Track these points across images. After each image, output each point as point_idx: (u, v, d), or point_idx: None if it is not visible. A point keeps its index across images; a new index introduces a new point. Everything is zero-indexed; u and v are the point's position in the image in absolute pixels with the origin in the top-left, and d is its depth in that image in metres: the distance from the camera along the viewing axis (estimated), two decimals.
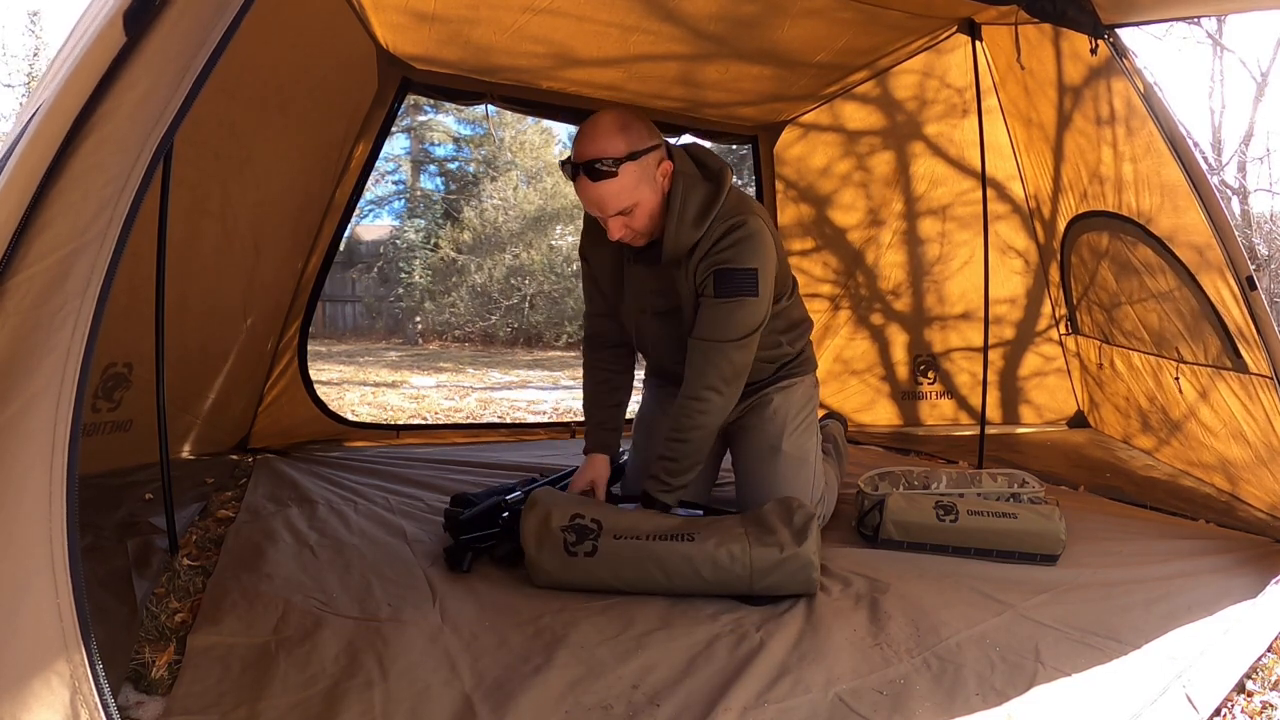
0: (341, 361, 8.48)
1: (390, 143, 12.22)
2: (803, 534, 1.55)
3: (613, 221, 1.67)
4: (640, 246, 1.78)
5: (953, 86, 2.87)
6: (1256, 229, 8.78)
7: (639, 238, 1.73)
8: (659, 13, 2.36)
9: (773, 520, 1.59)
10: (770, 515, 1.61)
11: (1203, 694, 1.19)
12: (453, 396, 5.64)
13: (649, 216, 1.69)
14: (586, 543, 1.56)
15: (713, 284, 1.71)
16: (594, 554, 1.55)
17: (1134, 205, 2.28)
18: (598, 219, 1.73)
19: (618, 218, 1.67)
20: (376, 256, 13.09)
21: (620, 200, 1.64)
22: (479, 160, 13.46)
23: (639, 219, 1.68)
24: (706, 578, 1.53)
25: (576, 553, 1.55)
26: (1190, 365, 2.31)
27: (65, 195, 0.80)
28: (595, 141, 1.62)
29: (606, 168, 1.60)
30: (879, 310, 3.39)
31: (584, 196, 1.67)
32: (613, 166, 1.60)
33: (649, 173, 1.66)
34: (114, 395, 2.12)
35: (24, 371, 0.78)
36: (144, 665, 1.22)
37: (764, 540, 1.54)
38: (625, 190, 1.63)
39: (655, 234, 1.74)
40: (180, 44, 0.86)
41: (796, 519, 1.59)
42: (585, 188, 1.64)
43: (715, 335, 1.73)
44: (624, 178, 1.61)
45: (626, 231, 1.70)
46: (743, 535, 1.55)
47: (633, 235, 1.72)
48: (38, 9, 15.81)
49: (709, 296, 1.72)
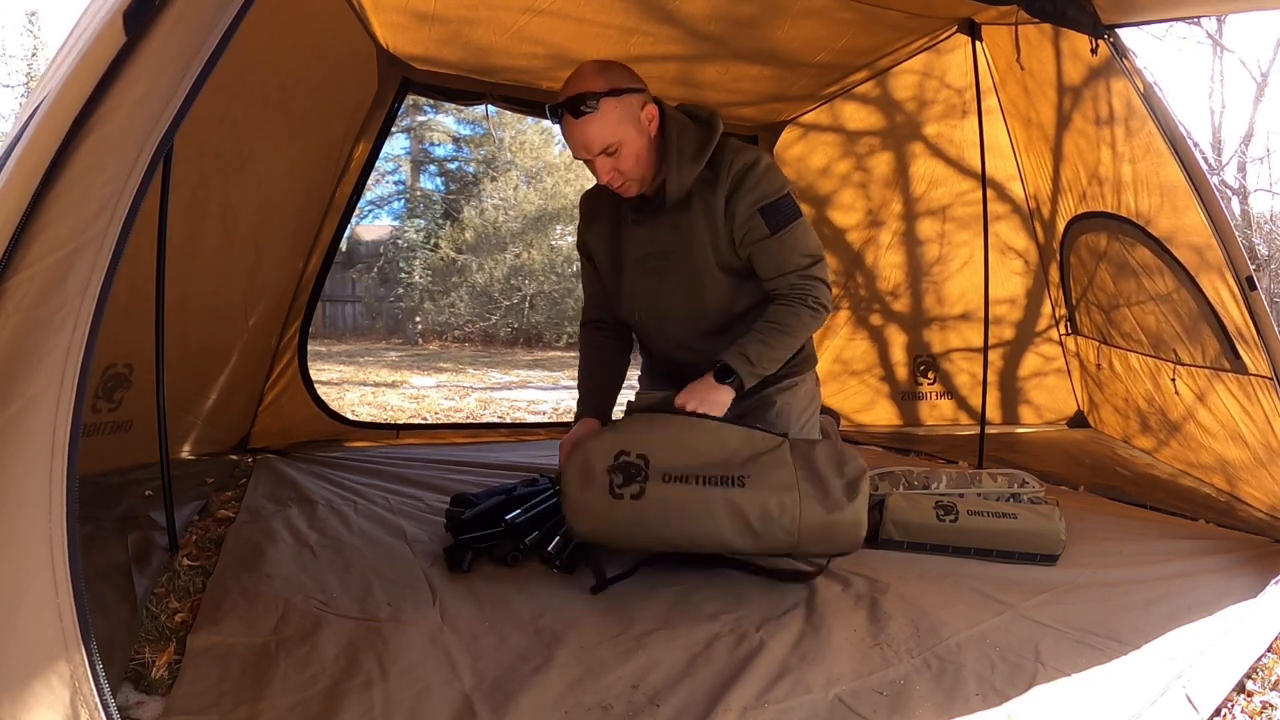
0: (341, 361, 8.48)
1: (390, 143, 12.23)
2: (854, 488, 1.53)
3: (600, 163, 1.68)
4: (634, 200, 1.78)
5: (952, 87, 2.87)
6: (1256, 229, 8.78)
7: (628, 183, 1.73)
8: (658, 14, 2.36)
9: (824, 469, 1.55)
10: (821, 462, 1.56)
11: (1203, 694, 1.19)
12: (453, 396, 5.64)
13: (635, 158, 1.69)
14: (634, 484, 1.50)
15: (763, 223, 1.71)
16: (641, 496, 1.49)
17: (1133, 206, 2.28)
18: (588, 166, 1.73)
19: (604, 159, 1.67)
20: (376, 256, 13.09)
21: (604, 136, 1.64)
22: (479, 160, 13.47)
23: (625, 160, 1.68)
24: (756, 529, 1.50)
25: (623, 494, 1.49)
26: (1188, 367, 2.31)
27: (65, 195, 0.80)
28: (577, 82, 1.66)
29: (588, 104, 1.62)
30: (878, 311, 3.39)
31: (570, 139, 1.68)
32: (594, 102, 1.62)
33: (632, 112, 1.67)
34: (114, 396, 2.12)
35: (24, 372, 0.78)
36: (144, 665, 1.22)
37: (815, 495, 1.51)
38: (608, 126, 1.64)
39: (645, 182, 1.75)
40: (180, 44, 0.86)
41: (849, 470, 1.55)
42: (570, 128, 1.65)
43: (791, 267, 1.73)
44: (606, 113, 1.63)
45: (615, 175, 1.70)
46: (794, 485, 1.51)
47: (622, 180, 1.72)
48: (36, 9, 15.84)
49: (764, 239, 1.72)
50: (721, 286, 1.79)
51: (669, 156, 1.71)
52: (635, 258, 1.84)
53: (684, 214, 1.75)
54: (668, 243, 1.79)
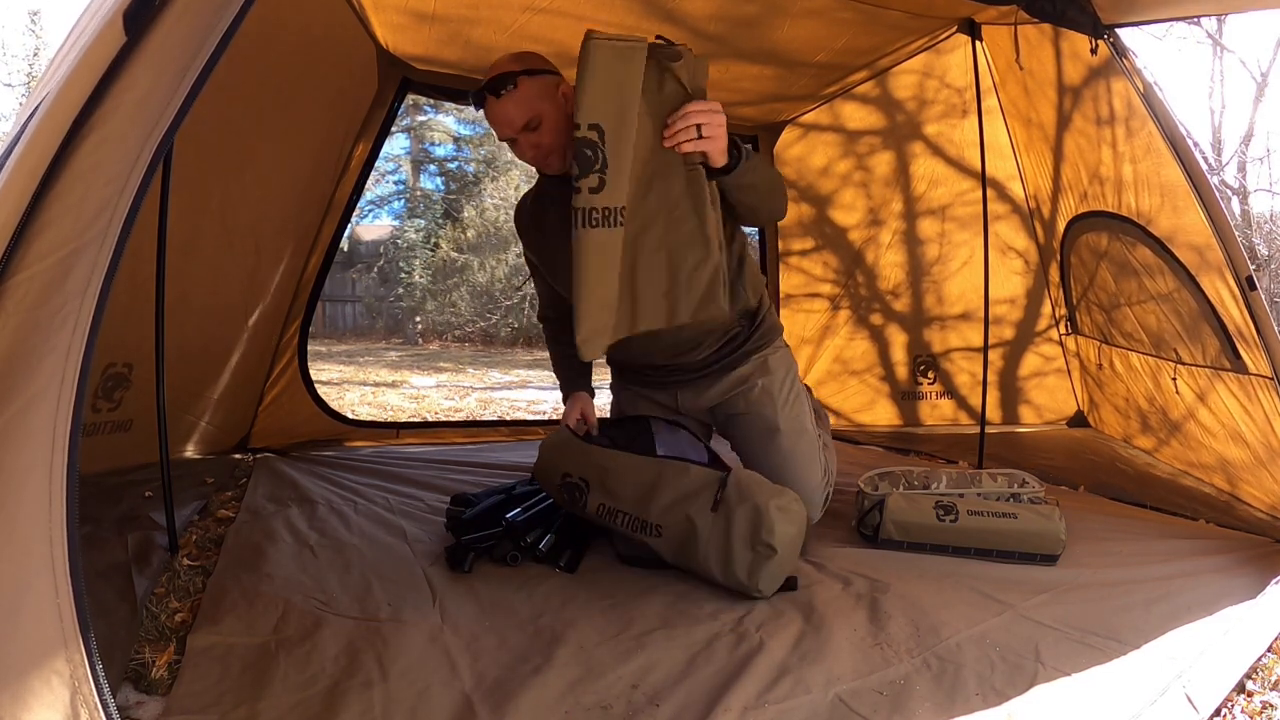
0: (341, 361, 8.48)
1: (390, 143, 12.23)
2: (759, 566, 1.51)
3: (522, 139, 1.77)
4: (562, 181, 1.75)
5: (952, 86, 2.87)
6: (1256, 229, 8.78)
7: (551, 156, 1.79)
8: (659, 13, 2.36)
9: (736, 540, 1.53)
10: (738, 527, 1.53)
11: (1203, 694, 1.19)
12: (453, 396, 5.64)
13: (555, 131, 1.76)
14: (579, 504, 1.76)
15: None
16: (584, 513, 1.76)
17: (1134, 206, 2.28)
18: (512, 147, 1.82)
19: (526, 134, 1.75)
20: (376, 256, 13.09)
21: (524, 111, 1.73)
22: (479, 160, 13.47)
23: (546, 134, 1.76)
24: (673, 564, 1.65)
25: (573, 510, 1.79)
26: (1188, 366, 2.31)
27: (65, 195, 0.80)
28: (495, 69, 1.78)
29: (506, 82, 1.73)
30: (878, 310, 3.39)
31: (494, 119, 1.77)
32: (510, 80, 1.73)
33: (549, 91, 1.76)
34: (114, 395, 2.12)
35: (24, 372, 0.78)
36: (144, 665, 1.22)
37: (716, 563, 1.56)
38: (527, 101, 1.73)
39: (567, 157, 1.75)
40: (180, 44, 0.86)
41: (764, 537, 1.51)
42: (493, 108, 1.75)
43: None
44: (523, 89, 1.73)
45: (537, 150, 1.78)
46: (698, 549, 1.57)
47: (544, 154, 1.79)
48: (38, 8, 15.83)
49: None
50: None
51: None
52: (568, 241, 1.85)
53: None
54: None
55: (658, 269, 1.59)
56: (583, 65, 1.50)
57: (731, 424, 2.02)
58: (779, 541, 1.51)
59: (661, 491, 1.65)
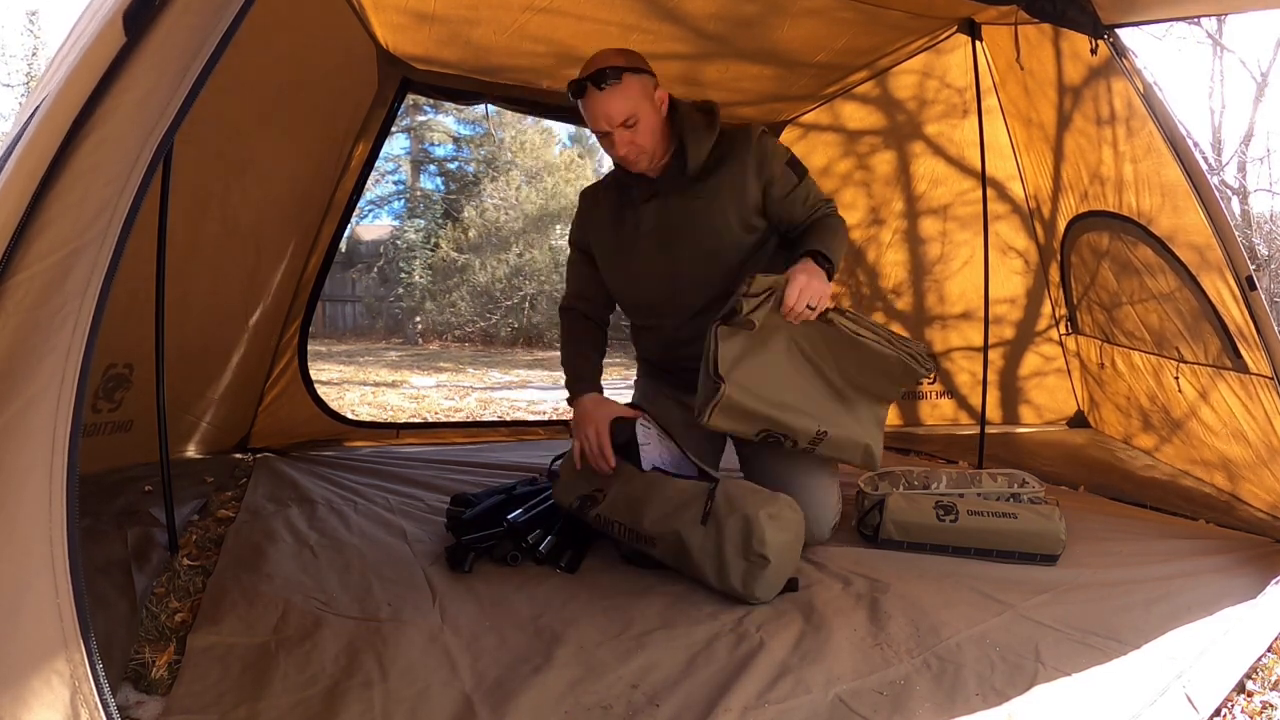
0: (341, 361, 8.48)
1: (390, 143, 12.25)
2: (754, 573, 1.50)
3: (619, 134, 1.78)
4: (640, 183, 1.90)
5: (953, 86, 2.87)
6: (1256, 229, 8.78)
7: (642, 157, 1.83)
8: (659, 11, 2.36)
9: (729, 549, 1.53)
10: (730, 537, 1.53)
11: (1203, 694, 1.19)
12: (453, 396, 5.64)
13: (651, 133, 1.81)
14: (591, 511, 1.76)
15: (792, 173, 1.90)
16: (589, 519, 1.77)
17: (1134, 205, 2.28)
18: (605, 146, 1.84)
19: (623, 131, 1.77)
20: (376, 256, 13.10)
21: (625, 108, 1.75)
22: (479, 160, 13.48)
23: (642, 133, 1.79)
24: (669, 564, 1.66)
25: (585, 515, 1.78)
26: (1190, 365, 2.31)
27: (65, 196, 0.80)
28: (599, 60, 1.78)
29: (611, 78, 1.74)
30: (880, 309, 3.39)
31: (592, 112, 1.78)
32: (616, 75, 1.74)
33: (648, 91, 1.80)
34: (115, 396, 2.12)
35: (24, 372, 0.78)
36: (144, 665, 1.22)
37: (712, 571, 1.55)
38: (629, 98, 1.75)
39: (655, 159, 1.86)
40: (180, 44, 0.86)
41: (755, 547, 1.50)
42: (593, 100, 1.76)
43: (817, 202, 1.92)
44: (628, 86, 1.75)
45: (631, 148, 1.80)
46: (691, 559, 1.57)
47: (637, 153, 1.81)
48: (36, 9, 15.83)
49: (796, 185, 1.89)
50: (739, 247, 1.90)
51: (685, 131, 1.85)
52: (647, 231, 1.92)
53: (701, 184, 1.87)
54: (682, 214, 1.89)
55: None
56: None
57: None
58: (771, 550, 1.50)
59: (650, 505, 1.65)
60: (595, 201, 2.04)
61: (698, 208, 1.87)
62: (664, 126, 1.85)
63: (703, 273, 1.90)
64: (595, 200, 2.05)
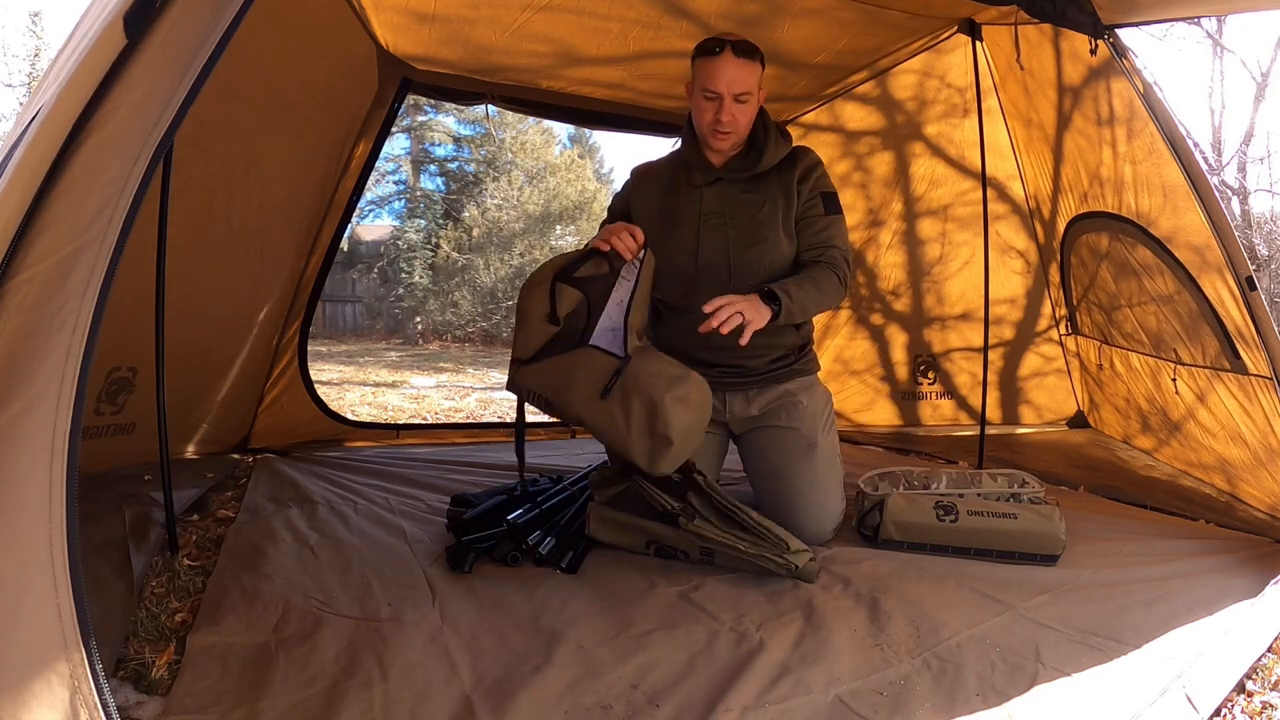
0: (341, 361, 8.48)
1: (390, 143, 12.24)
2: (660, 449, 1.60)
3: (729, 104, 1.84)
4: (704, 167, 1.97)
5: (953, 86, 2.87)
6: (1256, 229, 8.76)
7: (733, 135, 1.90)
8: (662, 7, 2.36)
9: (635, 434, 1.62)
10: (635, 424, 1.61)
11: (1203, 694, 1.19)
12: (453, 396, 5.64)
13: (749, 118, 1.90)
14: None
15: (822, 204, 1.98)
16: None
17: (1133, 206, 2.28)
18: (705, 108, 1.87)
19: (733, 103, 1.84)
20: (377, 256, 13.10)
21: (750, 83, 1.84)
22: (479, 160, 13.48)
23: (745, 114, 1.87)
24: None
25: None
26: (1188, 367, 2.31)
27: (65, 197, 0.80)
28: (733, 35, 1.88)
29: (751, 50, 1.85)
30: (879, 310, 3.39)
31: (718, 72, 1.82)
32: (755, 53, 1.85)
33: (761, 81, 1.90)
34: (117, 399, 2.12)
35: (24, 373, 0.78)
36: (144, 665, 1.22)
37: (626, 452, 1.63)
38: (754, 78, 1.86)
39: (737, 145, 1.95)
40: (180, 46, 0.86)
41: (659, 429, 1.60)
42: (725, 62, 1.82)
43: (831, 245, 1.98)
44: (756, 67, 1.86)
45: (732, 121, 1.86)
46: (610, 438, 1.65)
47: (732, 128, 1.88)
48: (39, 9, 15.84)
49: (819, 217, 1.98)
50: (781, 246, 1.97)
51: (769, 134, 1.96)
52: (703, 212, 1.98)
53: (759, 183, 1.96)
54: (737, 204, 1.96)
55: None
56: None
57: (767, 436, 2.01)
58: (676, 433, 1.58)
59: (576, 383, 1.68)
60: (648, 176, 2.08)
61: (749, 203, 1.96)
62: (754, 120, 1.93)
63: (750, 262, 1.95)
64: (648, 174, 2.09)
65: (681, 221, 1.98)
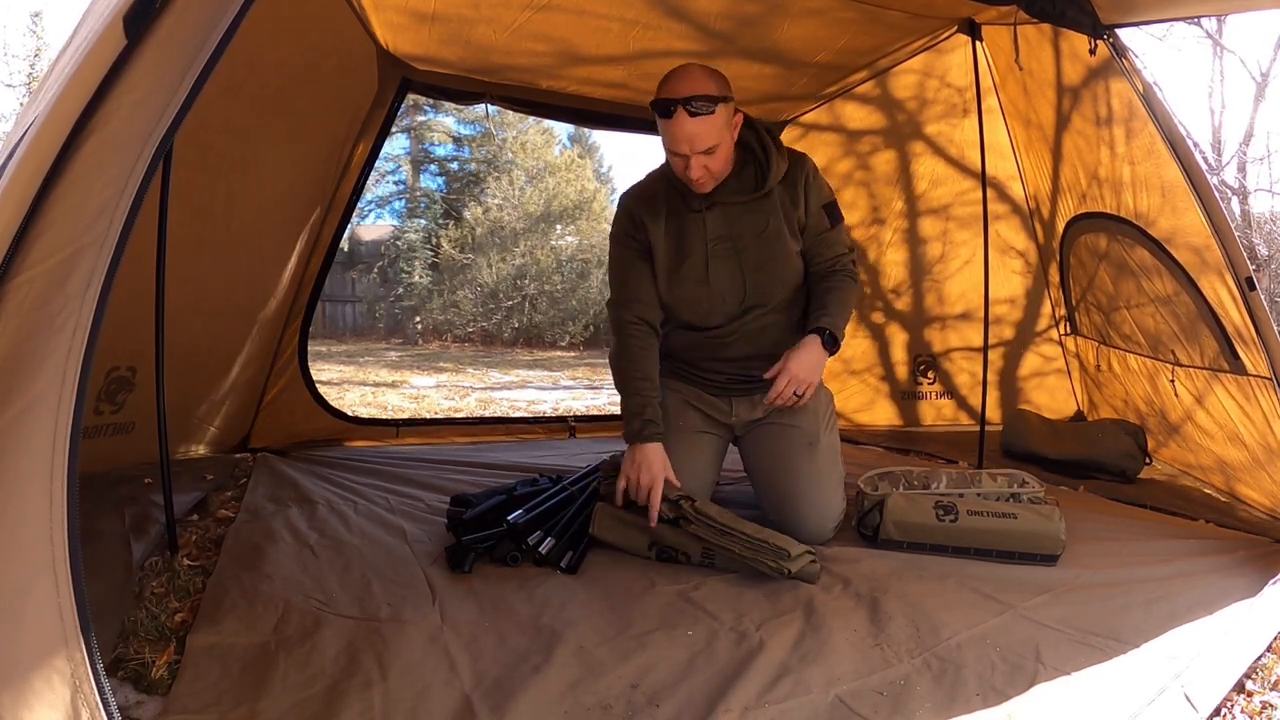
0: (342, 361, 8.49)
1: (390, 143, 12.26)
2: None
3: (695, 160, 1.79)
4: (706, 192, 1.90)
5: (953, 86, 2.87)
6: (1256, 229, 8.76)
7: (709, 181, 1.86)
8: (660, 6, 2.36)
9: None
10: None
11: (1202, 694, 1.19)
12: (453, 396, 5.64)
13: (725, 160, 1.84)
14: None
15: (827, 218, 1.98)
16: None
17: (1132, 207, 2.28)
18: (675, 162, 1.83)
19: (700, 157, 1.78)
20: (377, 256, 13.10)
21: (710, 137, 1.76)
22: (479, 160, 13.49)
23: (718, 160, 1.81)
24: None
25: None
26: (1186, 368, 2.31)
27: (66, 197, 0.80)
28: (692, 82, 1.75)
29: (704, 105, 1.73)
30: (879, 309, 3.39)
31: (676, 133, 1.76)
32: (710, 105, 1.74)
33: (729, 119, 1.81)
34: (117, 398, 2.12)
35: (25, 373, 0.78)
36: (144, 665, 1.22)
37: None
38: (716, 129, 1.76)
39: (721, 178, 1.89)
40: (180, 46, 0.86)
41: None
42: (681, 123, 1.74)
43: (840, 252, 2.01)
44: (718, 116, 1.76)
45: (705, 173, 1.82)
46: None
47: (708, 177, 1.84)
48: (39, 9, 15.83)
49: (826, 230, 1.98)
50: (792, 258, 1.97)
51: (769, 152, 1.90)
52: (709, 239, 1.94)
53: (763, 201, 1.92)
54: (741, 225, 1.93)
55: None
56: None
57: (769, 433, 2.01)
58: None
59: None
60: (653, 205, 1.96)
61: (755, 223, 1.93)
62: (734, 147, 1.88)
63: (763, 281, 1.95)
64: (652, 204, 1.97)
65: (690, 251, 1.95)
